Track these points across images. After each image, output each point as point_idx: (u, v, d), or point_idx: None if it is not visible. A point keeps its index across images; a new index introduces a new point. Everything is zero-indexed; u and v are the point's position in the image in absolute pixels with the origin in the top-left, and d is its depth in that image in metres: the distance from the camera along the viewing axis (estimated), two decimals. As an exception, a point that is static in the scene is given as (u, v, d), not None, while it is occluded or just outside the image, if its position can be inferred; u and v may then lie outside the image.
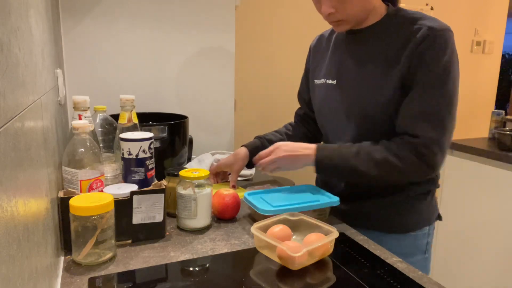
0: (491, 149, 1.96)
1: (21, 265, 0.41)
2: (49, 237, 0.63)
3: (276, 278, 0.71)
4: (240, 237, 0.87)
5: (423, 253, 1.02)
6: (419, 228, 1.00)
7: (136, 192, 0.82)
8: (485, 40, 3.03)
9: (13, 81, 0.43)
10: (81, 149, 0.81)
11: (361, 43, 0.97)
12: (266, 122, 2.64)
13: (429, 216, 1.02)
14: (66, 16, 1.29)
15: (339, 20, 0.92)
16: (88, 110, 0.94)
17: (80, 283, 0.68)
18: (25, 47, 0.54)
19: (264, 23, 2.45)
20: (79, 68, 1.34)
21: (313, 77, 1.11)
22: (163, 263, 0.76)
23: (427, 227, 1.02)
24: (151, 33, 1.40)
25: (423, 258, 1.02)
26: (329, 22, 0.95)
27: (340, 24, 0.94)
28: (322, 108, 1.07)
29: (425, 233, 1.01)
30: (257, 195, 1.00)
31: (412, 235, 1.00)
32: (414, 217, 1.00)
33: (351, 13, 0.90)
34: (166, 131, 1.14)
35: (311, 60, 1.15)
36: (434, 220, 1.04)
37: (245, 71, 2.46)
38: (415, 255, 1.00)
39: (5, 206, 0.36)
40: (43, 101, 0.68)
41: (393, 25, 0.92)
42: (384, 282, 0.70)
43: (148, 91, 1.43)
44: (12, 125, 0.41)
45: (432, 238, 1.04)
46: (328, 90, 1.03)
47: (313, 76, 1.12)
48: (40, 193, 0.57)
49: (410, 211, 0.99)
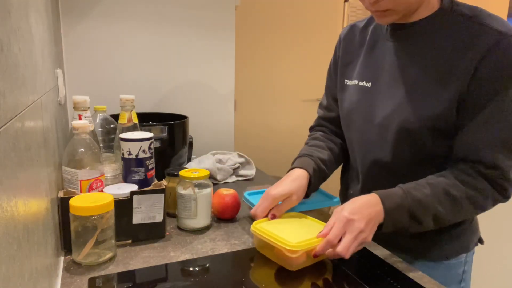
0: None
1: (21, 265, 0.41)
2: (49, 237, 0.63)
3: (276, 278, 0.71)
4: (240, 237, 0.87)
5: (458, 283, 0.88)
6: (455, 256, 0.86)
7: (136, 192, 0.82)
8: (485, 40, 3.03)
9: (13, 81, 0.43)
10: (81, 149, 0.81)
11: (408, 41, 0.80)
12: (266, 122, 2.64)
13: (467, 242, 0.87)
14: (66, 16, 1.29)
15: (386, 9, 0.75)
16: (88, 110, 0.94)
17: (80, 283, 0.68)
18: (25, 47, 0.54)
19: (264, 23, 2.45)
20: (79, 68, 1.34)
21: (344, 75, 0.94)
22: (163, 263, 0.76)
23: (464, 255, 0.87)
24: (151, 33, 1.40)
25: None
26: (372, 12, 0.78)
27: (386, 15, 0.76)
28: (351, 114, 0.90)
29: (462, 261, 0.87)
30: (257, 195, 1.00)
31: (445, 263, 0.86)
32: (450, 243, 0.85)
33: (402, 1, 0.73)
34: (166, 131, 1.14)
35: (341, 52, 0.96)
36: (473, 246, 0.89)
37: (245, 71, 2.46)
38: (448, 285, 0.84)
39: (5, 206, 0.36)
40: (43, 101, 0.68)
41: (448, 22, 0.76)
42: (384, 282, 0.70)
43: (148, 91, 1.43)
44: (12, 125, 0.41)
45: (470, 265, 0.90)
46: (360, 94, 0.88)
47: (343, 73, 0.94)
48: (40, 193, 0.57)
49: (445, 236, 0.85)
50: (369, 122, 0.86)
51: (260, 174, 1.37)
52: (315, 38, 2.69)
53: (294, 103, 2.70)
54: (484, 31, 0.72)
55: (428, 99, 0.76)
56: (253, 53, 2.46)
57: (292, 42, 2.53)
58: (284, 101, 2.65)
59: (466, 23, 0.74)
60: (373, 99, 0.85)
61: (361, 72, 0.89)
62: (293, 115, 2.71)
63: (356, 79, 0.90)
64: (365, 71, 0.88)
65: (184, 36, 1.44)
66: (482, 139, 0.73)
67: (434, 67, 0.76)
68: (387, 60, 0.83)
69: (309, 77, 2.71)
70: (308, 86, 2.73)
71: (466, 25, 0.74)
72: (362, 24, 0.93)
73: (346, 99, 0.92)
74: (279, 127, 2.66)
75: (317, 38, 2.70)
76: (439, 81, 0.75)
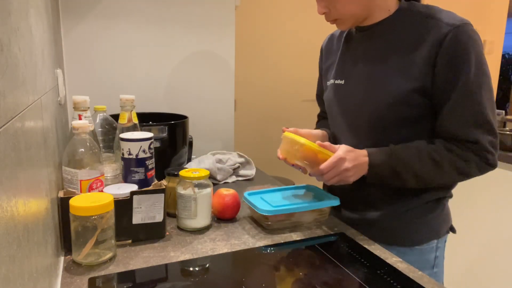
0: (491, 149, 1.95)
1: (21, 265, 0.41)
2: (49, 237, 0.63)
3: (276, 278, 0.71)
4: (240, 237, 0.87)
5: (430, 268, 0.95)
6: (426, 242, 0.93)
7: (136, 192, 0.82)
8: (485, 40, 3.03)
9: (13, 81, 0.43)
10: (81, 149, 0.81)
11: (370, 40, 0.92)
12: (266, 122, 2.64)
13: (437, 229, 0.94)
14: (66, 16, 1.29)
15: (334, 19, 0.90)
16: (88, 110, 0.94)
17: (80, 283, 0.68)
18: (25, 47, 0.54)
19: (264, 23, 2.45)
20: (79, 68, 1.34)
21: (326, 78, 1.07)
22: (163, 263, 0.76)
23: (435, 241, 0.94)
24: (151, 33, 1.40)
25: (432, 273, 0.94)
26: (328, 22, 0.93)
27: (338, 23, 0.91)
28: (331, 110, 1.02)
29: (433, 247, 0.94)
30: (257, 195, 1.00)
31: (417, 249, 0.93)
32: (421, 229, 0.93)
33: (344, 12, 0.87)
34: (166, 131, 1.14)
35: (323, 61, 1.10)
36: (444, 233, 0.96)
37: (245, 71, 2.46)
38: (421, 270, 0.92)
39: (5, 206, 0.36)
40: (43, 101, 0.68)
41: (404, 21, 0.87)
42: (384, 282, 0.70)
43: (148, 91, 1.43)
44: (12, 125, 0.41)
45: (442, 251, 0.96)
46: (336, 90, 0.99)
47: (325, 77, 1.07)
48: (40, 193, 0.57)
49: (416, 223, 0.93)
50: (344, 114, 0.97)
51: (260, 174, 1.37)
52: (315, 38, 2.69)
53: (294, 103, 2.70)
54: (436, 25, 0.82)
55: (391, 89, 0.86)
56: (253, 53, 2.46)
57: (292, 42, 2.53)
58: (284, 101, 2.65)
59: (422, 20, 0.84)
60: (345, 94, 0.96)
61: (336, 72, 1.01)
62: (293, 115, 2.71)
63: (333, 79, 1.01)
64: (339, 71, 1.00)
65: (184, 36, 1.44)
66: (457, 122, 0.83)
67: (395, 61, 0.86)
68: (356, 59, 0.95)
69: (309, 77, 2.71)
70: (308, 86, 2.73)
71: (421, 21, 0.84)
72: (338, 32, 1.06)
73: (326, 98, 1.05)
74: (279, 127, 2.66)
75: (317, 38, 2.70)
76: (400, 73, 0.85)
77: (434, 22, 0.82)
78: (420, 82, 0.83)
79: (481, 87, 0.81)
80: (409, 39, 0.85)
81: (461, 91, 0.81)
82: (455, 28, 0.79)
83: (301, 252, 0.82)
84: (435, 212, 0.94)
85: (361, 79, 0.92)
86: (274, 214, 0.89)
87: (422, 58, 0.82)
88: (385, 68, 0.88)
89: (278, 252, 0.81)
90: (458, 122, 0.83)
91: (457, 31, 0.79)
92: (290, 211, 0.91)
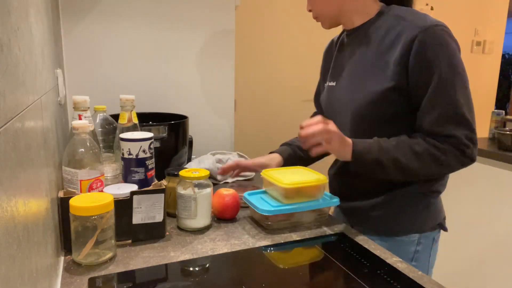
0: (491, 149, 1.95)
1: (21, 265, 0.41)
2: (49, 237, 0.63)
3: (276, 278, 0.71)
4: (240, 237, 0.87)
5: (409, 260, 0.96)
6: (405, 234, 0.96)
7: (136, 192, 0.82)
8: (485, 40, 3.03)
9: (13, 81, 0.43)
10: (81, 149, 0.81)
11: (354, 43, 0.99)
12: (266, 122, 2.64)
13: (419, 223, 0.96)
14: (66, 16, 1.29)
15: (315, 17, 1.01)
16: (88, 110, 0.94)
17: (80, 283, 0.68)
18: (25, 47, 0.54)
19: (264, 23, 2.45)
20: (79, 68, 1.34)
21: (324, 81, 1.14)
22: (163, 263, 0.76)
23: (417, 235, 0.96)
24: (151, 33, 1.40)
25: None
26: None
27: (319, 21, 1.01)
28: (326, 110, 1.09)
29: (414, 241, 0.96)
30: (257, 195, 1.00)
31: (397, 239, 0.96)
32: (402, 221, 0.96)
33: (320, 12, 0.98)
34: (166, 131, 1.14)
35: (323, 65, 1.18)
36: (428, 229, 0.97)
37: (245, 71, 2.46)
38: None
39: (5, 206, 0.36)
40: (43, 101, 0.68)
41: (384, 23, 0.92)
42: (384, 282, 0.70)
43: (148, 91, 1.43)
44: (12, 125, 0.41)
45: (427, 248, 0.98)
46: (329, 92, 1.06)
47: (324, 80, 1.15)
48: (40, 193, 0.57)
49: (397, 214, 0.96)
50: (334, 114, 1.03)
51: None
52: (315, 38, 2.69)
53: (294, 103, 2.70)
54: (407, 27, 0.86)
55: (370, 89, 0.91)
56: (253, 53, 2.46)
57: (292, 42, 2.52)
58: (284, 101, 2.65)
59: (397, 22, 0.89)
60: (335, 95, 1.03)
61: (330, 75, 1.08)
62: (293, 115, 2.70)
63: (327, 81, 1.09)
64: (332, 73, 1.07)
65: (184, 36, 1.44)
66: (435, 119, 0.86)
67: (373, 61, 0.91)
68: (345, 61, 1.01)
69: (309, 77, 2.71)
70: (308, 86, 2.73)
71: (397, 24, 0.89)
72: (337, 37, 1.12)
73: (322, 99, 1.12)
74: (279, 127, 2.65)
75: (317, 38, 2.70)
76: (377, 73, 0.90)
77: (406, 24, 0.86)
78: (395, 81, 0.87)
79: (454, 85, 0.84)
80: (385, 41, 0.89)
81: (434, 90, 0.85)
82: (424, 30, 0.83)
83: (301, 252, 0.82)
84: (418, 207, 0.96)
85: (347, 80, 0.99)
86: (274, 214, 0.89)
87: (395, 59, 0.86)
88: (364, 68, 0.93)
89: (278, 252, 0.81)
90: (435, 119, 0.86)
91: (426, 32, 0.83)
92: (290, 211, 0.91)
